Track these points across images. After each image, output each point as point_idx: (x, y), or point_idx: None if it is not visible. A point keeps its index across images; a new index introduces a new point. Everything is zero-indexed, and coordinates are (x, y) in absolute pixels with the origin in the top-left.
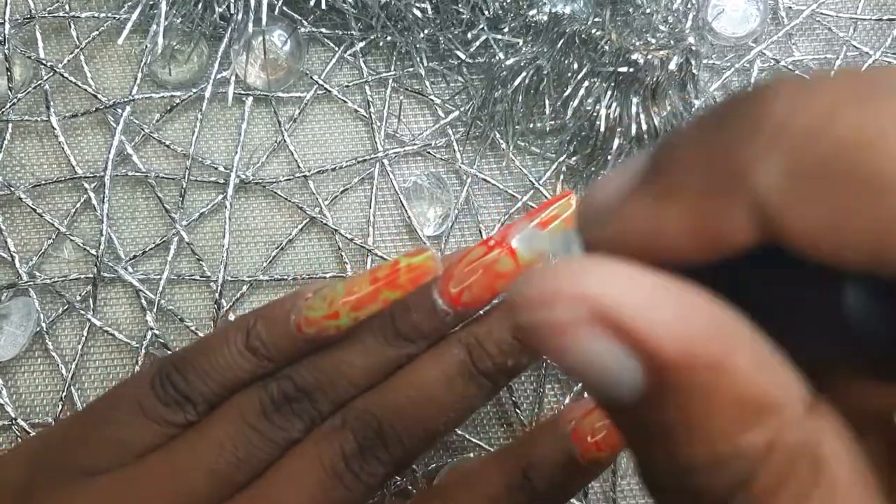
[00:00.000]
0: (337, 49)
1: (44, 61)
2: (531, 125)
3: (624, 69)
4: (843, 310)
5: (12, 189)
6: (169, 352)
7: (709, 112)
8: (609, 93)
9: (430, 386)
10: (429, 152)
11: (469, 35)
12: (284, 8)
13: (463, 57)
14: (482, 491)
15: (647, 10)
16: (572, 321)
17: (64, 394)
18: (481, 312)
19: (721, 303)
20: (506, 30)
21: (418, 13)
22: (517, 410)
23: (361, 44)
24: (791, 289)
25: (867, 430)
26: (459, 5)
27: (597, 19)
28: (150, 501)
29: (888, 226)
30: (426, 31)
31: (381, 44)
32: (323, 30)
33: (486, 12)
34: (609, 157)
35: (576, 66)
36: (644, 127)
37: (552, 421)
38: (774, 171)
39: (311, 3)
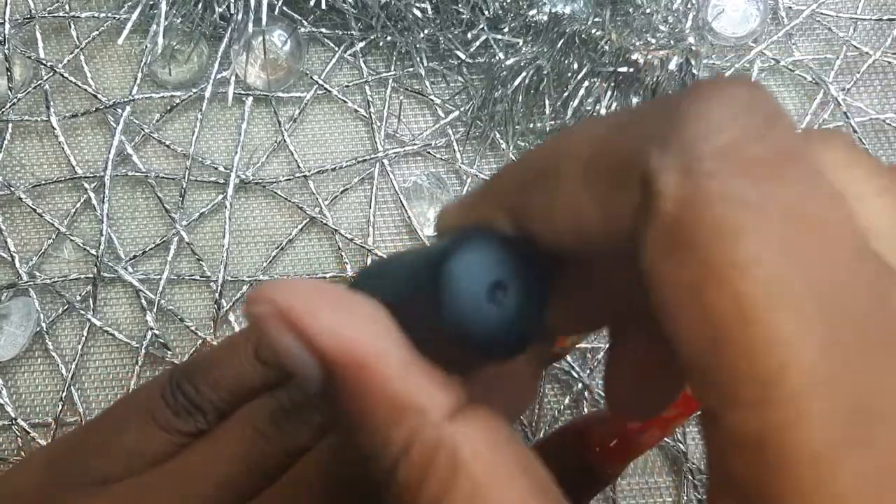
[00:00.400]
0: (337, 49)
1: (44, 61)
2: (531, 125)
3: (624, 69)
4: (443, 313)
5: (12, 189)
6: (169, 352)
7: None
8: (609, 93)
9: None
10: (429, 152)
11: (469, 35)
12: (284, 8)
13: (463, 57)
14: None
15: (647, 10)
16: (265, 314)
17: (64, 394)
18: None
19: (381, 314)
20: (506, 30)
21: (418, 13)
22: None
23: (361, 44)
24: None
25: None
26: (459, 5)
27: (597, 19)
28: None
29: (570, 199)
30: (426, 31)
31: (381, 44)
32: (323, 30)
33: (486, 12)
34: None
35: (576, 66)
36: None
37: (560, 433)
38: (509, 184)
39: (311, 3)
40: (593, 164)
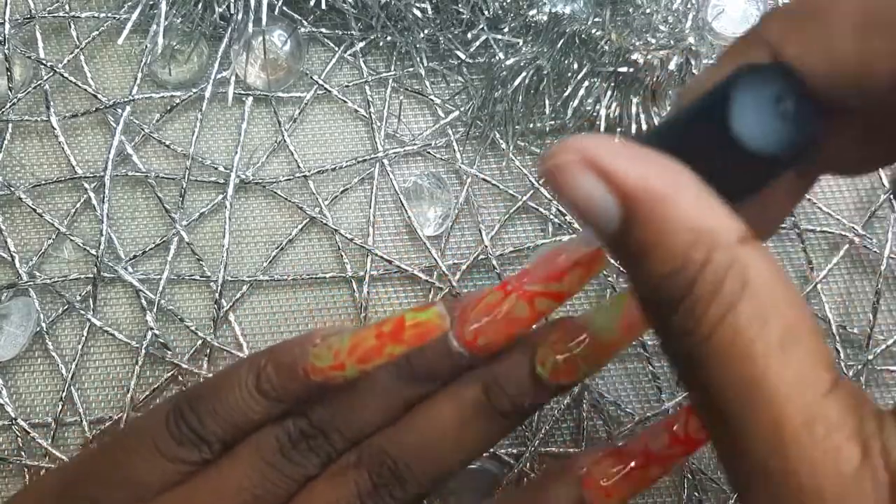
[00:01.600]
0: (337, 49)
1: (44, 61)
2: (531, 125)
3: (624, 69)
4: (735, 138)
5: (12, 189)
6: (169, 352)
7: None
8: (609, 93)
9: (445, 425)
10: (429, 152)
11: (469, 35)
12: (284, 8)
13: (463, 57)
14: None
15: (647, 10)
16: (569, 162)
17: (64, 394)
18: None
19: (672, 159)
20: (506, 30)
21: (418, 13)
22: None
23: (361, 44)
24: (710, 145)
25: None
26: (459, 5)
27: (597, 19)
28: None
29: (835, 41)
30: (426, 31)
31: (381, 44)
32: (323, 30)
33: (486, 12)
34: None
35: (576, 66)
36: (644, 127)
37: (562, 467)
38: (777, 23)
39: (311, 3)
40: (861, 16)
